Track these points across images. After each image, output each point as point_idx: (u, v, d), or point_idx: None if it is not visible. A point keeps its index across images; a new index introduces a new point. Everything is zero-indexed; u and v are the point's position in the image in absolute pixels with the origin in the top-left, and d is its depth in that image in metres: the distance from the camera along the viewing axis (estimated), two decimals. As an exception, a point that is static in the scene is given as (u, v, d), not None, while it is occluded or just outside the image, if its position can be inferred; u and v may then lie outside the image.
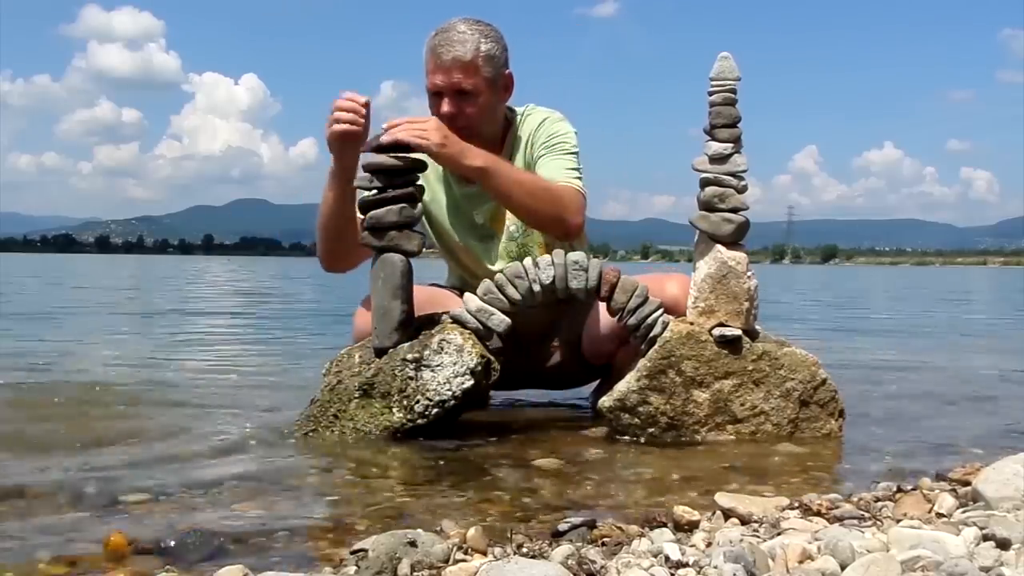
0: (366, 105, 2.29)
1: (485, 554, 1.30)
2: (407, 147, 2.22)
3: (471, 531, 1.35)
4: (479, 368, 2.17)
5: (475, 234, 2.63)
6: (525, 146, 2.56)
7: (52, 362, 3.96)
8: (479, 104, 2.46)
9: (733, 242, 2.26)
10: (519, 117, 2.62)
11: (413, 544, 1.27)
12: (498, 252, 2.61)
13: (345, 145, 2.31)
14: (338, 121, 2.28)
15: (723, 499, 1.53)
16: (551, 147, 2.52)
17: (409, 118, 2.28)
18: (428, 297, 2.45)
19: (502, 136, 2.60)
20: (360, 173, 2.25)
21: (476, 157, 2.32)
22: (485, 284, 2.28)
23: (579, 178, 2.47)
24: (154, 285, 15.66)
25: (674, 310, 2.31)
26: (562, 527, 1.41)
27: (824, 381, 2.28)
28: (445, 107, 2.45)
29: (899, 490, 1.63)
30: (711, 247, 2.26)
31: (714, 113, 2.24)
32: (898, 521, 1.44)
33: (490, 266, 2.60)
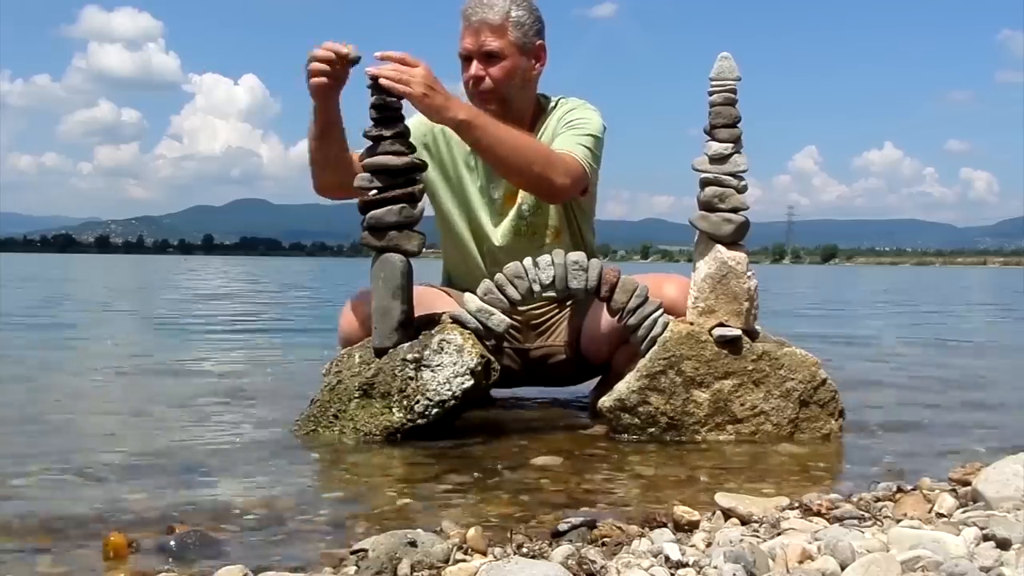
0: (344, 57, 2.23)
1: (485, 554, 1.30)
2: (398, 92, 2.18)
3: (471, 531, 1.35)
4: (479, 368, 2.17)
5: (489, 209, 2.63)
6: (553, 131, 2.56)
7: (52, 362, 3.96)
8: (505, 67, 2.48)
9: (733, 242, 2.26)
10: (551, 105, 2.63)
11: (413, 544, 1.27)
12: (506, 229, 2.61)
13: (324, 95, 2.29)
14: (312, 73, 2.25)
15: (723, 499, 1.53)
16: (570, 125, 2.53)
17: (401, 56, 2.21)
18: (417, 298, 2.44)
19: (532, 119, 2.61)
20: (360, 173, 2.24)
21: (459, 110, 2.27)
22: (485, 284, 2.28)
23: (587, 153, 2.45)
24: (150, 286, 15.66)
25: (672, 312, 2.31)
26: (562, 527, 1.41)
27: (824, 381, 2.28)
28: (472, 69, 2.48)
29: (899, 490, 1.63)
30: (711, 247, 2.26)
31: (714, 113, 2.24)
32: (898, 521, 1.44)
33: (496, 243, 2.60)
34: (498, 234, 2.62)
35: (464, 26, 2.50)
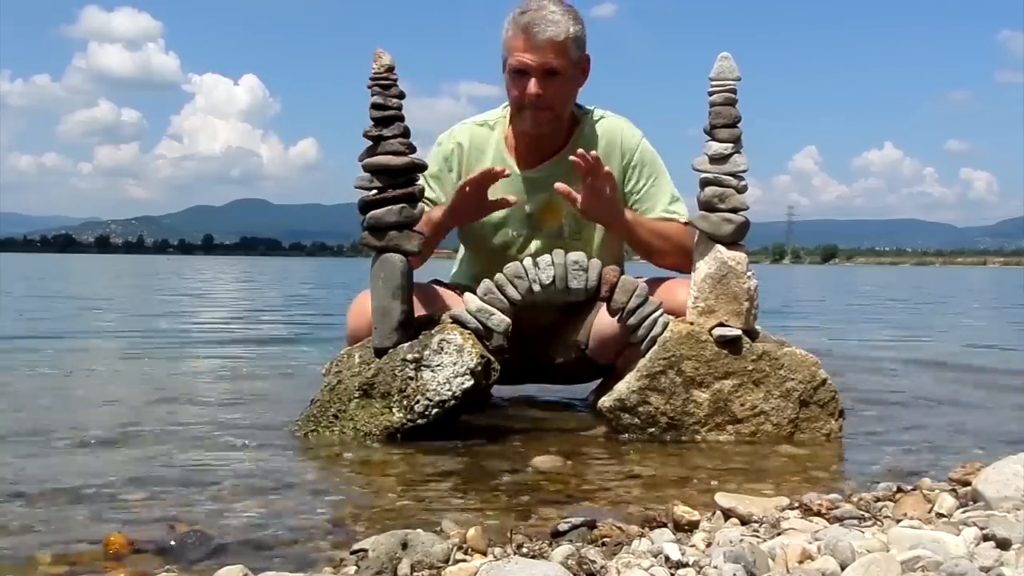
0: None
1: (485, 554, 1.30)
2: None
3: (471, 531, 1.35)
4: (479, 368, 2.17)
5: (518, 222, 2.61)
6: (621, 159, 2.57)
7: (51, 362, 3.96)
8: (564, 86, 2.49)
9: (733, 242, 2.26)
10: (588, 117, 2.62)
11: (412, 545, 1.27)
12: (540, 245, 2.58)
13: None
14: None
15: (723, 499, 1.53)
16: (653, 180, 2.59)
17: (601, 165, 2.35)
18: (427, 295, 2.44)
19: (568, 131, 2.60)
20: (360, 173, 2.24)
21: (623, 212, 2.49)
22: (485, 284, 2.28)
23: (683, 207, 2.58)
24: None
25: (683, 315, 2.30)
26: (562, 527, 1.41)
27: (824, 381, 2.28)
28: (532, 87, 2.45)
29: (899, 490, 1.63)
30: (711, 247, 2.26)
31: (714, 113, 2.24)
32: (898, 521, 1.44)
33: (519, 255, 2.56)
34: (531, 248, 2.59)
35: (524, 39, 2.42)
